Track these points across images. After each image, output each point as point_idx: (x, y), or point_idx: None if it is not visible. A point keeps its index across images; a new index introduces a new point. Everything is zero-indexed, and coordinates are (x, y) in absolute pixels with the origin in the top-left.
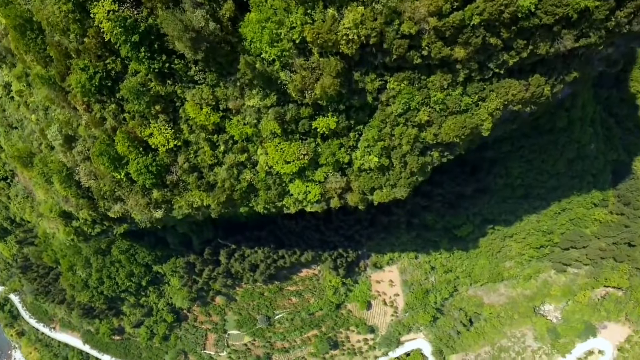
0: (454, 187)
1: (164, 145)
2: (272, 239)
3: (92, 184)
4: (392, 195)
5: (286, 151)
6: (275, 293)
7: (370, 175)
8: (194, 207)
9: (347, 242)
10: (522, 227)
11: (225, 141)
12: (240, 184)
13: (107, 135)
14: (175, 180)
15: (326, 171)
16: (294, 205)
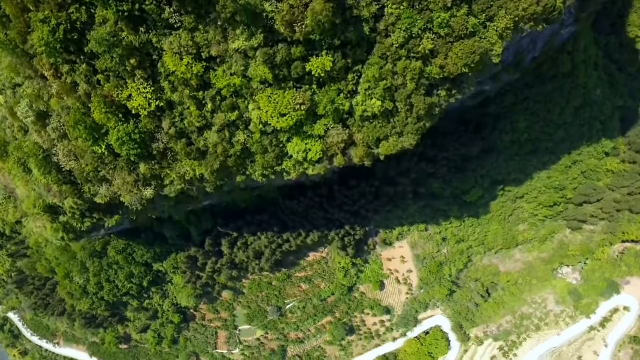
0: (459, 149)
1: (144, 108)
2: (275, 222)
3: (73, 165)
4: (399, 145)
5: (280, 102)
6: (284, 281)
7: (374, 123)
8: (187, 180)
9: (353, 218)
10: (532, 186)
11: (212, 97)
12: (234, 147)
13: (82, 103)
14: (162, 148)
15: (326, 123)
16: (294, 168)
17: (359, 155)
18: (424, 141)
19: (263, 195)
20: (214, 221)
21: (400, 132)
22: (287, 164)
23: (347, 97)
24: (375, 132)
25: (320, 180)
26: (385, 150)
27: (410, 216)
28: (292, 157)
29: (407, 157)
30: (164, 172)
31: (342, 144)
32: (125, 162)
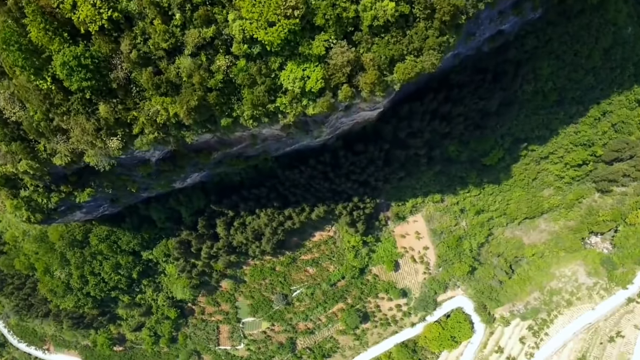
0: (476, 103)
1: (94, 22)
2: (275, 196)
3: (21, 115)
4: (418, 67)
5: (267, 6)
6: (289, 265)
7: (387, 38)
8: (160, 127)
9: (362, 188)
10: (558, 143)
11: (180, 5)
12: (214, 77)
13: (14, 19)
14: (124, 80)
15: (327, 39)
16: (291, 106)
17: (369, 81)
18: (436, 97)
19: (260, 167)
20: (207, 199)
21: (419, 49)
22: (281, 102)
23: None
24: (388, 49)
25: (322, 147)
26: (401, 74)
27: (424, 185)
28: (288, 91)
29: (418, 114)
30: (131, 115)
31: (348, 68)
32: (80, 103)
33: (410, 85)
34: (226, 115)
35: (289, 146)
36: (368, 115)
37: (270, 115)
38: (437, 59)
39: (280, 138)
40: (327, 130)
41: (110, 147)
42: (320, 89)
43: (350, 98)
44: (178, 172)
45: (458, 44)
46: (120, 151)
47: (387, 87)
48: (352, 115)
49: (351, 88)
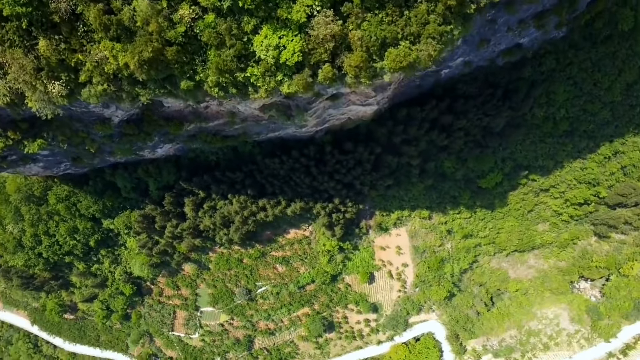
0: (481, 119)
1: None
2: (251, 183)
3: None
4: (412, 56)
5: None
6: (257, 259)
7: (381, 16)
8: (110, 78)
9: (346, 191)
10: (562, 177)
11: None
12: (175, 28)
13: None
14: (67, 13)
15: (310, 4)
16: (264, 80)
17: (354, 66)
18: (438, 105)
19: (240, 150)
20: (178, 174)
21: (416, 35)
22: (253, 72)
23: None
24: (380, 29)
25: (310, 139)
26: (392, 62)
27: (412, 198)
28: (261, 61)
29: (416, 121)
30: (75, 58)
31: (332, 44)
32: (16, 34)
33: (412, 87)
34: (187, 77)
35: (272, 132)
36: (361, 112)
37: (239, 86)
38: (435, 51)
39: (261, 120)
40: (313, 121)
41: (52, 93)
42: (298, 63)
43: (331, 80)
44: (144, 138)
45: (470, 50)
46: (65, 99)
47: (375, 75)
48: (342, 108)
49: (333, 69)
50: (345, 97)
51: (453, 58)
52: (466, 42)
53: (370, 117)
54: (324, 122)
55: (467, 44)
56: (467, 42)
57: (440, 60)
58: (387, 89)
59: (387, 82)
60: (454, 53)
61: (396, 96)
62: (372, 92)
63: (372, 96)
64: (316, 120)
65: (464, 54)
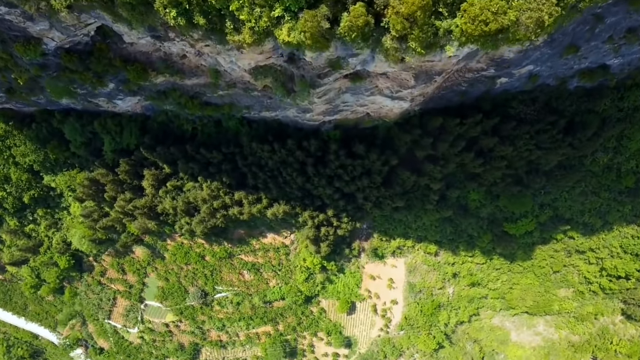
0: (531, 150)
1: None
2: (229, 169)
3: None
4: (508, 18)
5: None
6: (222, 260)
7: None
8: None
9: (344, 202)
10: (606, 241)
11: None
12: None
13: None
14: None
15: None
16: (251, 11)
17: (406, 13)
18: (483, 121)
19: (224, 124)
20: (142, 139)
21: None
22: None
23: None
24: None
25: (314, 132)
26: (469, 22)
27: (422, 228)
28: None
29: (450, 136)
30: None
31: None
32: None
33: (455, 93)
34: None
35: (267, 110)
36: (385, 109)
37: (210, 17)
38: (551, 17)
39: (252, 91)
40: (321, 106)
41: None
42: None
43: (361, 34)
44: (92, 81)
45: (548, 58)
46: None
47: (433, 42)
48: (363, 96)
49: (368, 14)
50: (372, 79)
51: (521, 63)
52: (551, 42)
53: (394, 118)
54: (336, 111)
55: (551, 45)
56: (551, 44)
57: (507, 61)
58: (432, 80)
59: (440, 66)
60: (526, 55)
61: (433, 99)
62: (411, 79)
63: (408, 86)
64: (325, 107)
65: (537, 61)
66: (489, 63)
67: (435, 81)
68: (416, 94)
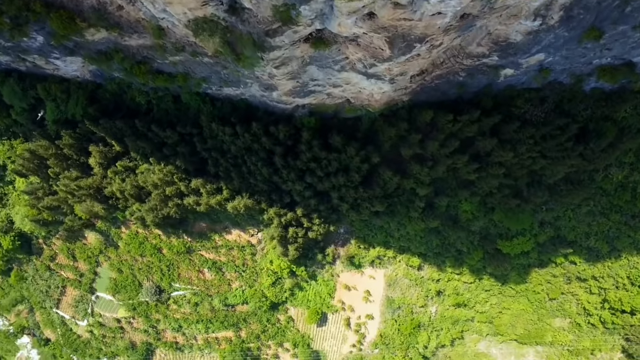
0: (534, 158)
1: None
2: (187, 152)
3: None
4: None
5: None
6: (180, 254)
7: None
8: None
9: (316, 201)
10: (612, 270)
11: None
12: None
13: None
14: None
15: None
16: None
17: None
18: (481, 120)
19: (184, 100)
20: (89, 108)
21: None
22: None
23: None
24: None
25: (287, 118)
26: None
27: (405, 238)
28: None
29: (441, 133)
30: None
31: None
32: None
33: (452, 85)
34: None
35: (228, 86)
36: (365, 92)
37: None
38: None
39: (202, 55)
40: (286, 83)
41: None
42: None
43: None
44: (8, 27)
45: (564, 44)
46: None
47: None
48: (334, 72)
49: None
50: (339, 46)
51: (531, 49)
52: (569, 21)
53: (379, 108)
54: (306, 91)
55: (568, 25)
56: (568, 23)
57: (513, 46)
58: (412, 48)
59: (421, 29)
60: (537, 38)
61: (425, 90)
62: (385, 46)
63: (384, 57)
64: (292, 84)
65: (549, 48)
66: (492, 47)
67: (419, 55)
68: (396, 72)
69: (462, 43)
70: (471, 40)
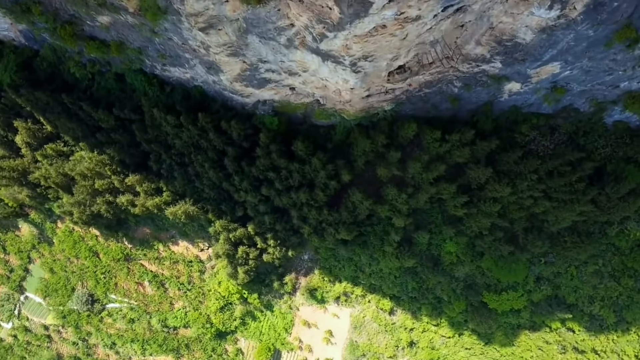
0: (536, 199)
1: None
2: (126, 142)
3: None
4: None
5: None
6: (119, 261)
7: None
8: None
9: (273, 218)
10: (617, 345)
11: None
12: None
13: None
14: None
15: None
16: None
17: None
18: (475, 142)
19: (128, 80)
20: (18, 75)
21: None
22: None
23: None
24: None
25: (248, 115)
26: None
27: (377, 275)
28: None
29: (426, 154)
30: None
31: None
32: None
33: (444, 96)
34: None
35: (171, 64)
36: (332, 88)
37: None
38: None
39: (124, 14)
40: (225, 57)
41: None
42: None
43: None
44: None
45: (586, 49)
46: None
47: None
48: (283, 50)
49: None
50: (278, 3)
51: (543, 54)
52: (596, 12)
53: (354, 115)
54: (260, 80)
55: (594, 18)
56: (595, 14)
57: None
58: (367, 7)
59: None
60: (552, 38)
61: (412, 99)
62: (331, 3)
63: (334, 22)
64: (239, 65)
65: (567, 54)
66: (494, 48)
67: (385, 27)
68: (357, 53)
69: (458, 40)
70: (469, 37)
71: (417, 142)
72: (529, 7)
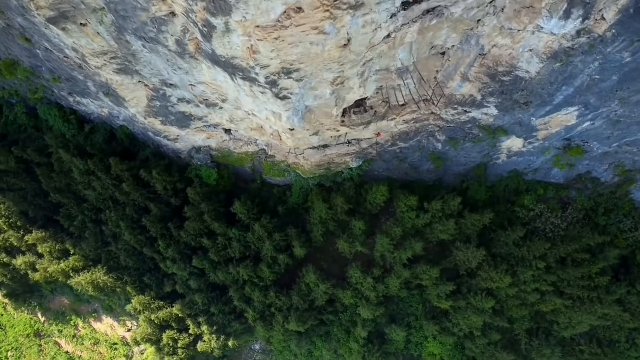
0: (542, 293)
1: None
2: (32, 190)
3: None
4: None
5: None
6: (28, 337)
7: None
8: None
9: (207, 298)
10: None
11: None
12: None
13: None
14: None
15: None
16: None
17: None
18: (461, 215)
19: (42, 116)
20: None
21: None
22: None
23: None
24: None
25: (185, 165)
26: None
27: None
28: None
29: (399, 224)
30: None
31: None
32: None
33: (424, 153)
34: None
35: (75, 92)
36: (268, 128)
37: None
38: None
39: None
40: (101, 64)
41: None
42: None
43: None
44: None
45: (617, 78)
46: None
47: None
48: (173, 55)
49: None
50: None
51: (554, 94)
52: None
53: (311, 173)
54: (177, 115)
55: (627, 37)
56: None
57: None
58: (290, 22)
59: None
60: (568, 68)
61: (385, 158)
62: None
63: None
64: (141, 91)
65: (591, 93)
66: (486, 86)
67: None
68: (273, 64)
69: (438, 74)
70: (452, 69)
71: (391, 210)
72: (535, 17)
